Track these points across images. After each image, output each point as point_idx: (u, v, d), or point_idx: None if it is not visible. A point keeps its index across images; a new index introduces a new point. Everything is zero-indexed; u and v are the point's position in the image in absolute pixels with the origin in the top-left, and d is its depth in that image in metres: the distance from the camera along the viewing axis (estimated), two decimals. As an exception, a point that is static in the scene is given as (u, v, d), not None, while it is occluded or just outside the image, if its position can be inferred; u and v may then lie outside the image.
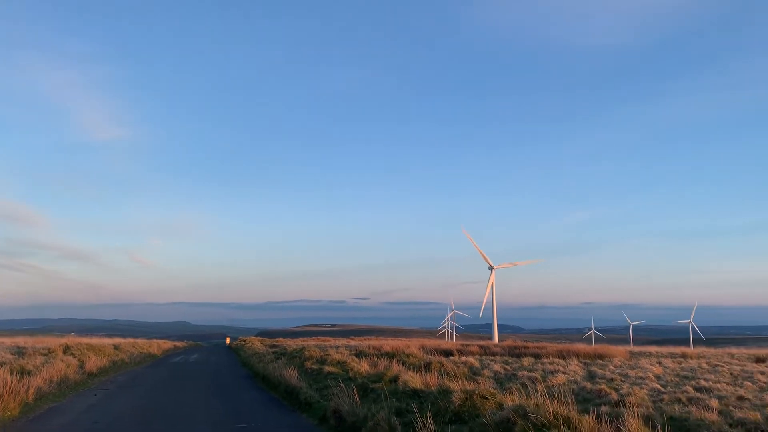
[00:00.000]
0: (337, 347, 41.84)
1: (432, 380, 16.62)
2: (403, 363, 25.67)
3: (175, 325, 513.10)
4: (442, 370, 22.26)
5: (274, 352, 38.74)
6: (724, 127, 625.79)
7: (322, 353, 31.51)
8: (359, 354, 32.70)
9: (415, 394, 15.76)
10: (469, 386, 14.97)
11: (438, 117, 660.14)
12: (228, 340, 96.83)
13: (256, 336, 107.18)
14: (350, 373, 21.49)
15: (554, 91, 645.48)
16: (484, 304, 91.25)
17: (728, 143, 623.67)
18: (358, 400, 14.99)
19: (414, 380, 16.79)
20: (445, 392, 14.40)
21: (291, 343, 56.64)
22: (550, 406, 11.13)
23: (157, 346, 55.30)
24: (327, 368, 23.76)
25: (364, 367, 22.82)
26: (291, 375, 21.52)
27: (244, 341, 68.78)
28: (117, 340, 54.16)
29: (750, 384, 21.43)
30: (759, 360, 33.23)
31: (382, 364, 23.37)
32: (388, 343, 42.73)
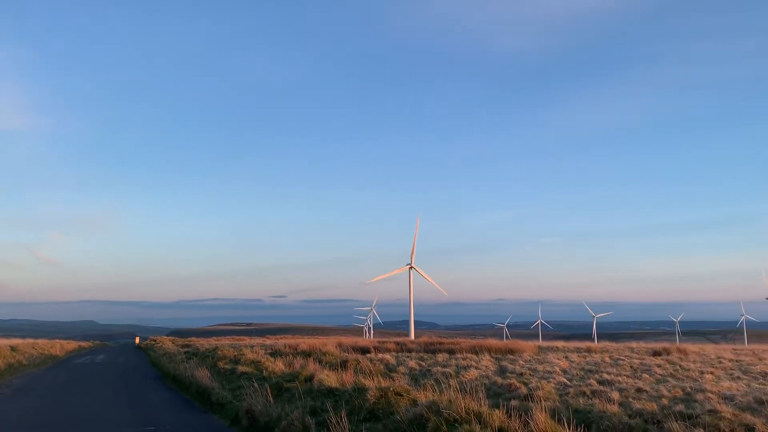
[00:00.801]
0: (252, 346, 41.12)
1: (348, 378, 16.60)
2: (320, 361, 25.53)
3: (81, 325, 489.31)
4: (358, 367, 22.29)
5: (186, 352, 37.63)
6: (627, 132, 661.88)
7: (236, 353, 30.86)
8: (275, 353, 32.27)
9: (331, 392, 15.69)
10: (385, 383, 15.06)
11: (362, 110, 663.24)
12: (137, 340, 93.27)
13: (168, 336, 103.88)
14: (265, 373, 21.15)
15: (470, 92, 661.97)
16: (377, 279, 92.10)
17: (630, 149, 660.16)
18: (271, 399, 14.76)
19: (329, 379, 16.71)
20: (360, 390, 14.41)
21: (204, 343, 55.21)
22: (462, 401, 11.35)
23: (60, 346, 52.53)
24: (241, 368, 23.29)
25: (279, 366, 22.51)
26: (203, 375, 20.94)
27: (155, 341, 66.55)
28: (15, 341, 51.08)
29: (648, 376, 22.69)
30: (656, 353, 35.25)
31: (298, 363, 23.15)
32: (305, 342, 42.41)
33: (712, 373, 24.19)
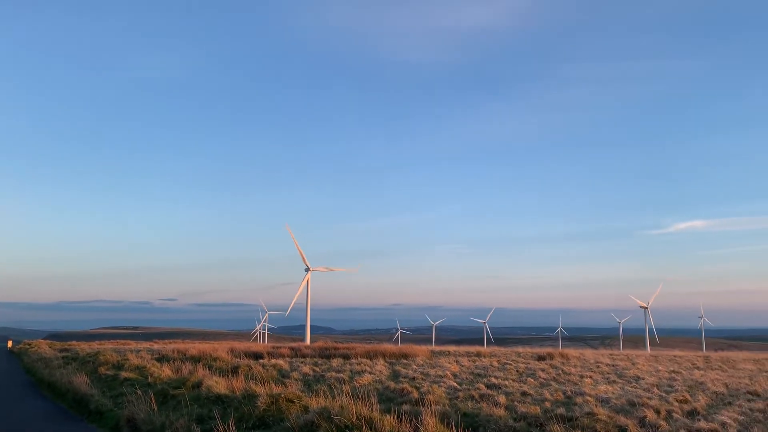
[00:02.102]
0: (138, 351, 39.20)
1: (238, 385, 16.15)
2: (210, 367, 24.72)
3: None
4: (250, 374, 21.75)
5: (64, 357, 35.33)
6: (524, 144, 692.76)
7: (119, 358, 29.30)
8: (162, 358, 30.96)
9: (220, 399, 15.20)
10: (277, 390, 14.77)
11: (263, 111, 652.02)
12: (10, 344, 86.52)
13: (45, 339, 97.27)
14: (150, 379, 20.19)
15: (370, 99, 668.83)
16: (292, 304, 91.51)
17: (525, 161, 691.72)
18: (155, 407, 14.09)
19: (219, 385, 16.19)
20: (251, 397, 14.06)
21: (85, 347, 52.09)
22: (354, 407, 11.32)
23: None
24: (124, 374, 22.11)
25: (166, 372, 21.59)
26: (81, 382, 19.70)
27: (30, 344, 62.08)
28: None
29: (533, 380, 23.69)
30: (540, 358, 36.92)
31: (187, 368, 22.30)
32: (195, 347, 40.95)
33: (590, 377, 25.59)
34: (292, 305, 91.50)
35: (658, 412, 15.19)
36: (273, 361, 30.04)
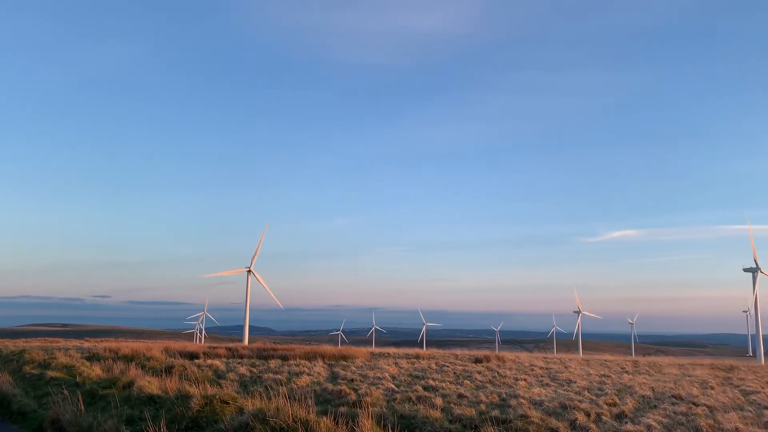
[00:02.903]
0: (67, 349, 37.76)
1: (171, 385, 15.76)
2: (143, 367, 24.06)
3: None
4: (184, 374, 21.27)
5: (-14, 355, 33.67)
6: (467, 150, 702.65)
7: (46, 356, 28.17)
8: (92, 357, 29.95)
9: (152, 400, 14.81)
10: (212, 391, 14.49)
11: (208, 109, 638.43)
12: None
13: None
14: (79, 379, 19.49)
15: (318, 99, 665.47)
16: (226, 273, 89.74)
17: (467, 167, 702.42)
18: (83, 407, 13.59)
19: (151, 385, 15.77)
20: (184, 397, 13.74)
21: (10, 345, 49.73)
22: (290, 409, 11.22)
23: None
24: (51, 373, 21.26)
25: (96, 371, 20.89)
26: (4, 381, 18.82)
27: (-51, 342, 58.88)
28: None
29: (469, 383, 24.02)
30: (477, 361, 37.48)
31: (118, 368, 21.64)
32: (128, 345, 39.76)
33: (525, 380, 26.13)
34: (212, 275, 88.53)
35: (588, 414, 15.64)
36: (209, 361, 29.46)
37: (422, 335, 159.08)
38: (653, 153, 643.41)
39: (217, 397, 13.03)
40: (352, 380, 23.22)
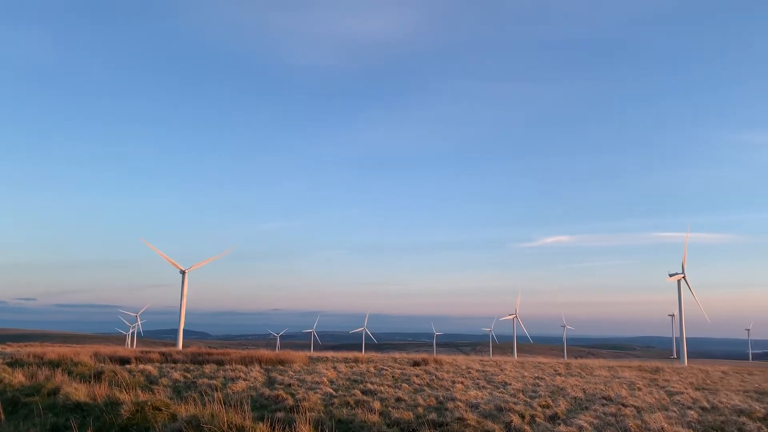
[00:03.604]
0: (-12, 355, 35.88)
1: (100, 392, 15.20)
2: (70, 373, 23.11)
3: None
4: (114, 380, 20.53)
5: None
6: (405, 156, 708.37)
7: (-36, 362, 26.65)
8: (15, 363, 28.57)
9: (79, 407, 14.22)
10: (143, 397, 14.04)
11: (152, 105, 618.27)
12: None
13: None
14: (-1, 386, 18.50)
15: (265, 101, 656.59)
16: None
17: (408, 172, 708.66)
18: (3, 416, 12.92)
19: (78, 392, 15.15)
20: (114, 404, 13.26)
21: (-76, 350, 46.90)
22: (225, 415, 10.98)
23: None
24: (-31, 380, 20.10)
25: (18, 378, 19.90)
26: None
27: None
28: None
29: (407, 386, 24.13)
30: (416, 364, 37.74)
31: (43, 374, 20.71)
32: (54, 350, 38.07)
33: (462, 382, 26.46)
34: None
35: (522, 416, 15.94)
36: (141, 366, 28.54)
37: (362, 339, 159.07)
38: (587, 162, 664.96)
39: (149, 403, 12.62)
40: (289, 385, 22.95)
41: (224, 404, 11.90)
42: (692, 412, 17.95)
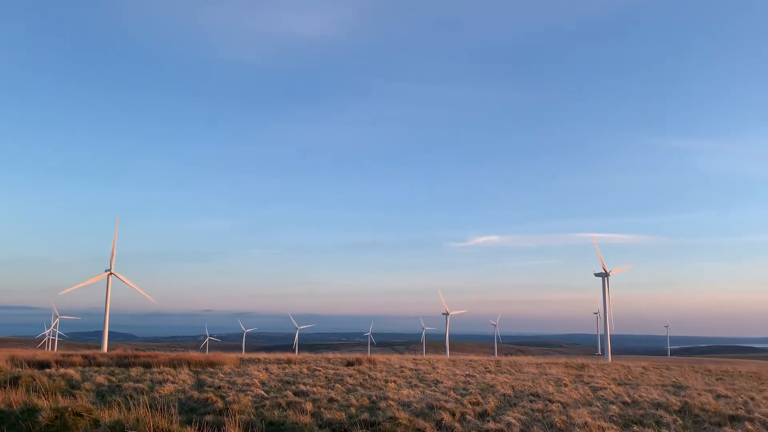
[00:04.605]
0: None
1: (17, 398, 14.48)
2: (-17, 378, 21.83)
3: None
4: (33, 385, 19.55)
5: None
6: (339, 156, 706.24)
7: None
8: None
9: (-8, 415, 13.45)
10: (64, 402, 13.46)
11: (58, 103, 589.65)
12: None
13: None
14: None
15: (191, 99, 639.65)
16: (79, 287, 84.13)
17: (342, 172, 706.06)
18: None
19: (-8, 399, 14.34)
20: (31, 411, 12.66)
21: None
22: (151, 419, 10.65)
23: None
24: None
25: (-75, 385, 18.65)
26: None
27: None
28: None
29: (340, 386, 24.07)
30: (349, 364, 37.70)
31: (-47, 380, 19.50)
32: (-33, 355, 35.97)
33: (395, 381, 26.63)
34: (70, 290, 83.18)
35: (453, 414, 16.18)
36: (62, 370, 27.33)
37: (295, 340, 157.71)
38: (516, 164, 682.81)
39: (69, 409, 12.08)
40: (219, 387, 22.50)
41: (151, 408, 11.55)
42: (614, 407, 18.68)
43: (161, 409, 11.83)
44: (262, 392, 20.96)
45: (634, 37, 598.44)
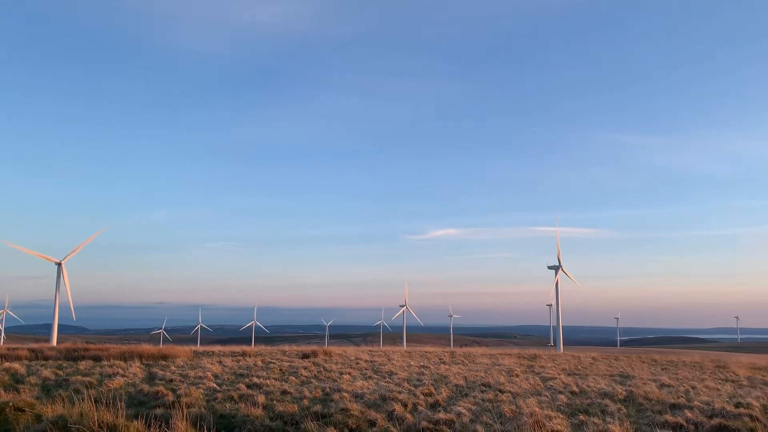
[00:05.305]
0: None
1: (-45, 393, 13.98)
2: None
3: None
4: (-27, 379, 18.97)
5: None
6: (295, 148, 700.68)
7: None
8: None
9: (-71, 411, 13.00)
10: (6, 397, 13.14)
11: (27, 92, 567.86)
12: None
13: None
14: None
15: (151, 87, 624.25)
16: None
17: (298, 164, 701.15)
18: None
19: (-71, 394, 13.86)
20: (-30, 407, 12.24)
21: None
22: (96, 413, 10.45)
23: None
24: None
25: None
26: None
27: None
28: None
29: (294, 379, 24.04)
30: (305, 356, 37.66)
31: None
32: None
33: (350, 373, 26.72)
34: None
35: (405, 405, 16.34)
36: (6, 364, 26.55)
37: (252, 332, 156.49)
38: (474, 158, 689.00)
39: (10, 404, 11.78)
40: (171, 381, 22.21)
41: (97, 402, 11.32)
42: (563, 396, 19.17)
43: (108, 404, 11.61)
44: (215, 385, 20.78)
45: (597, 34, 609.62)
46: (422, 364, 34.19)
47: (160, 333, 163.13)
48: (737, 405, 17.30)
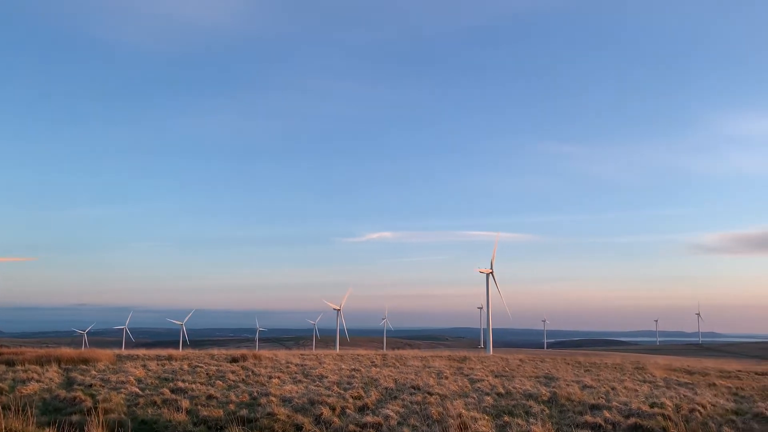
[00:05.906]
0: None
1: None
2: None
3: None
4: None
5: None
6: (235, 147, 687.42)
7: None
8: None
9: None
10: None
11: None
12: None
13: None
14: None
15: (106, 80, 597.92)
16: None
17: (233, 162, 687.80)
18: None
19: None
20: None
21: None
22: (3, 421, 9.92)
23: None
24: None
25: None
26: None
27: None
28: None
29: (221, 383, 23.52)
30: (234, 360, 36.93)
31: None
32: None
33: (279, 377, 26.37)
34: None
35: (333, 409, 16.27)
36: None
37: (180, 335, 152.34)
38: (407, 163, 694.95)
39: None
40: (90, 386, 21.36)
41: (5, 409, 10.74)
42: (489, 398, 19.53)
43: (19, 410, 11.04)
44: (137, 390, 20.11)
45: (527, 43, 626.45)
46: (354, 367, 34.13)
47: (82, 336, 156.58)
48: (652, 405, 18.09)
